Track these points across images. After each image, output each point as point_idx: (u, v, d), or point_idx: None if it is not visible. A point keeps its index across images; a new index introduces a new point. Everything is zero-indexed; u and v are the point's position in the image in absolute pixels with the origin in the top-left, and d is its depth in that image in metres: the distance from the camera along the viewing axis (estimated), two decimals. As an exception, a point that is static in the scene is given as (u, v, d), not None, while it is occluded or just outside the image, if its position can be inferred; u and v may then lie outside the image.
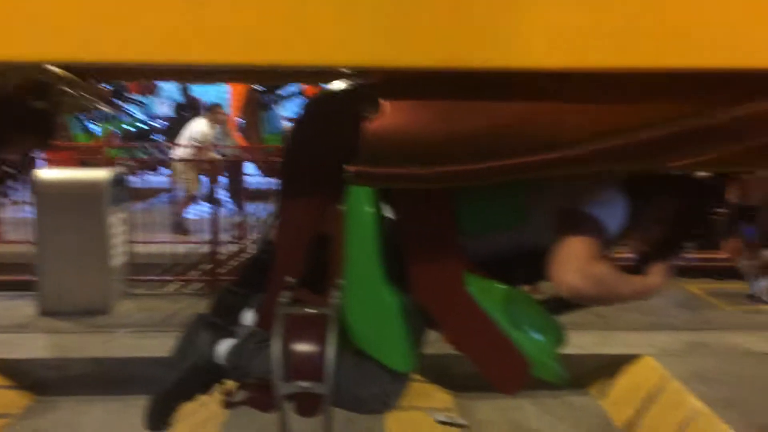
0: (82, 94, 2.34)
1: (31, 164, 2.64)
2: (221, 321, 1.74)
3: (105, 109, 2.82)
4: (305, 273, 1.66)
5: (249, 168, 9.41)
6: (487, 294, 1.52)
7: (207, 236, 6.15)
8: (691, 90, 1.19)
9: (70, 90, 2.26)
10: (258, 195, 7.49)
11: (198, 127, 7.93)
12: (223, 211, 6.88)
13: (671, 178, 1.63)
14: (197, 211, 7.97)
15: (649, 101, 1.20)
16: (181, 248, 6.42)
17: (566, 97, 1.21)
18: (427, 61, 1.14)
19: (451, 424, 3.82)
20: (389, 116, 1.23)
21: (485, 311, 1.50)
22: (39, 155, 7.07)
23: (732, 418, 3.53)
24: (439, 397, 4.17)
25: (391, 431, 3.53)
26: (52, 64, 1.77)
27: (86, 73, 2.28)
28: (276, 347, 1.52)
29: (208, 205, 7.18)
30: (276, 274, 1.66)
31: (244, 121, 10.80)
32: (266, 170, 8.88)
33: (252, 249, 6.24)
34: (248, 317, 1.72)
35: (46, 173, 4.63)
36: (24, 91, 2.05)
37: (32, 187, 4.54)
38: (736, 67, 1.14)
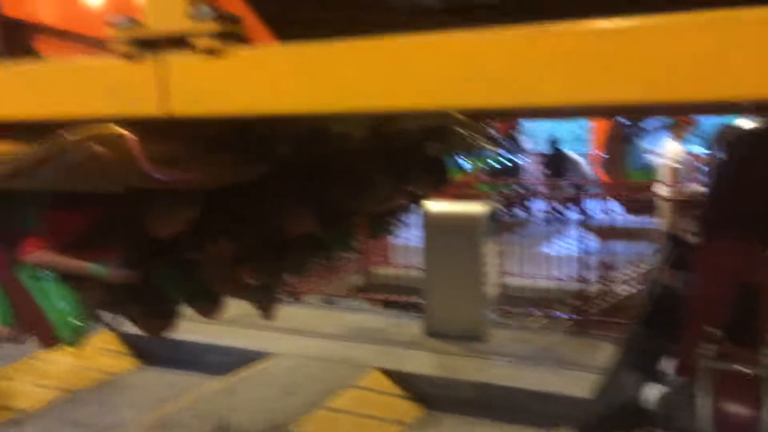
0: (473, 134, 2.54)
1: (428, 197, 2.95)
2: (645, 364, 1.71)
3: (487, 147, 2.99)
4: (728, 324, 1.52)
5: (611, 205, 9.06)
6: None
7: (572, 273, 6.14)
8: None
9: (464, 132, 2.47)
10: (622, 233, 7.14)
11: (672, 148, 6.32)
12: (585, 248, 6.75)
13: None
14: (558, 247, 7.94)
15: None
16: (547, 283, 6.51)
17: None
18: None
19: None
20: None
21: None
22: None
23: None
24: None
25: None
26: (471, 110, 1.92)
27: (480, 116, 2.46)
28: (703, 404, 1.41)
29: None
30: (695, 324, 1.54)
31: (608, 156, 10.52)
32: (630, 208, 8.46)
33: (622, 290, 6.01)
34: (668, 364, 1.64)
35: (433, 205, 5.04)
36: (424, 136, 2.31)
37: (422, 218, 5.07)
38: None
